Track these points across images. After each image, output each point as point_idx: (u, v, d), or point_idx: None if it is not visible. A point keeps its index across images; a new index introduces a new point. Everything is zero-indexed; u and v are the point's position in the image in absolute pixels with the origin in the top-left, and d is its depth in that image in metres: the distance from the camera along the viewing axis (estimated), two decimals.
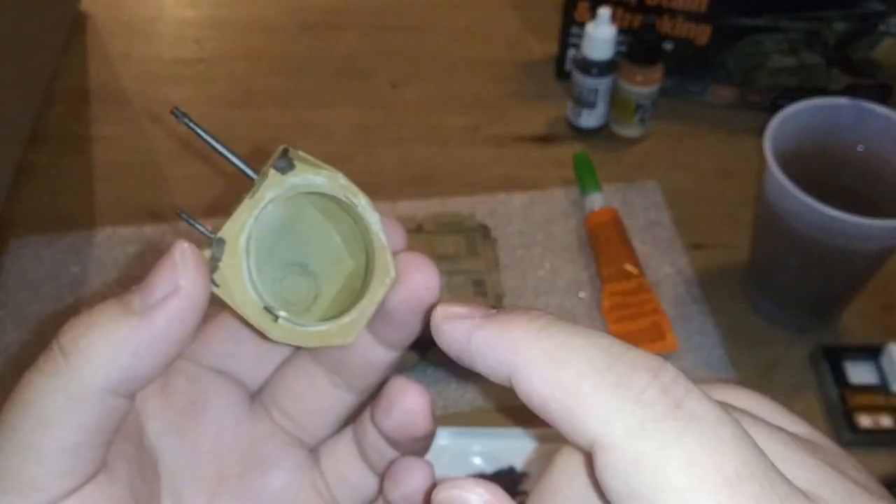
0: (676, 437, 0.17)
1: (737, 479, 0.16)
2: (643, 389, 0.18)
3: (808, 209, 0.55)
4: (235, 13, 0.95)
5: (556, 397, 0.18)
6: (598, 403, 0.18)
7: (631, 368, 0.18)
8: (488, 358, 0.20)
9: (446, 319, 0.22)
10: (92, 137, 0.81)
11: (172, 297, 0.21)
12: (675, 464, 0.17)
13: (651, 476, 0.17)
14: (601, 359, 0.18)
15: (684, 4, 0.78)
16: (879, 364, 0.62)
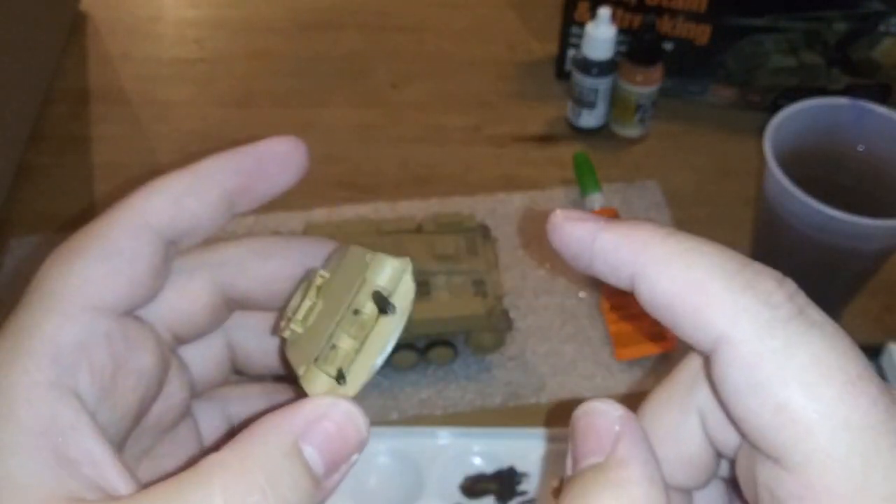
0: (802, 337, 0.18)
1: (857, 379, 0.18)
2: (771, 293, 0.19)
3: (808, 209, 0.55)
4: (235, 13, 0.95)
5: (684, 295, 0.19)
6: (728, 301, 0.19)
7: (758, 274, 0.19)
8: (613, 257, 0.21)
9: (569, 220, 0.22)
10: (92, 137, 0.81)
11: (347, 466, 0.21)
12: (801, 360, 0.18)
13: (777, 370, 0.18)
14: (731, 263, 0.20)
15: (684, 4, 0.78)
16: (879, 364, 0.62)
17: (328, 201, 0.74)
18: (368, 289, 0.23)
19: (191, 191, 0.25)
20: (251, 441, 0.20)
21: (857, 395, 0.18)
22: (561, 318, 0.67)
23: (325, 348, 0.23)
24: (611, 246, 0.21)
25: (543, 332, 0.66)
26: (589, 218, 0.22)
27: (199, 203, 0.24)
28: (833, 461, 0.17)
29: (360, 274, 0.23)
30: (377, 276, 0.23)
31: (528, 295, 0.68)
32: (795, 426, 0.18)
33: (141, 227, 0.24)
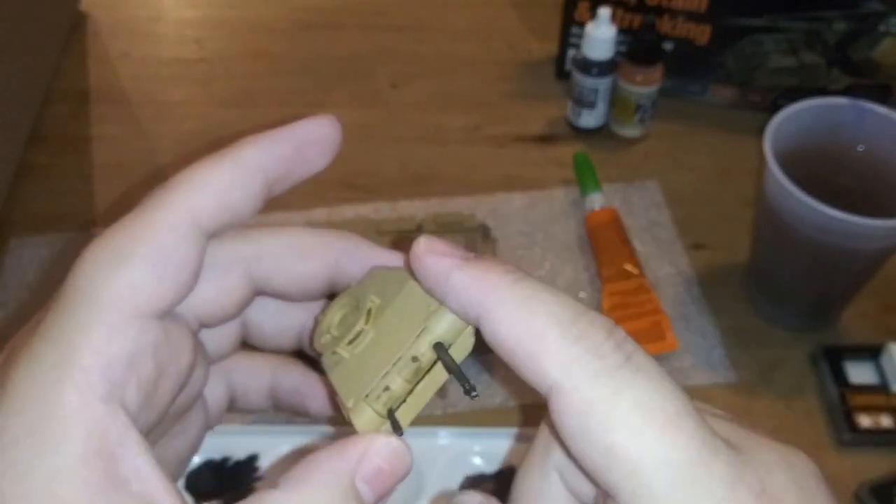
0: (627, 383, 0.20)
1: (677, 417, 0.20)
2: (601, 343, 0.20)
3: (808, 209, 0.55)
4: (235, 13, 0.95)
5: (523, 342, 0.21)
6: (561, 351, 0.20)
7: (591, 325, 0.21)
8: (463, 297, 0.22)
9: (429, 253, 0.23)
10: (92, 137, 0.81)
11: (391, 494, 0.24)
12: (625, 405, 0.19)
13: (604, 416, 0.20)
14: (567, 313, 0.21)
15: (684, 4, 0.78)
16: (879, 364, 0.62)
17: (328, 201, 0.74)
18: (430, 337, 0.23)
19: (235, 184, 0.24)
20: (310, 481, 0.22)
21: (676, 432, 0.19)
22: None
23: (378, 387, 0.24)
24: (461, 286, 0.22)
25: None
26: (449, 253, 0.23)
27: (243, 195, 0.24)
28: (657, 497, 0.19)
29: (420, 318, 0.24)
30: (439, 326, 0.23)
31: None
32: (622, 466, 0.19)
33: (189, 228, 0.23)
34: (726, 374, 0.64)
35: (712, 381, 0.63)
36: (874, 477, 0.57)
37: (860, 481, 0.57)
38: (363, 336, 0.25)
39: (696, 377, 0.64)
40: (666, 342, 0.64)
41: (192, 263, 0.23)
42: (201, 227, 0.23)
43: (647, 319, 0.66)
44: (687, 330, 0.66)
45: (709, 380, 0.63)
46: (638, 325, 0.65)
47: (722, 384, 0.63)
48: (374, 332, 0.25)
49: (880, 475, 0.58)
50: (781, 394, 0.63)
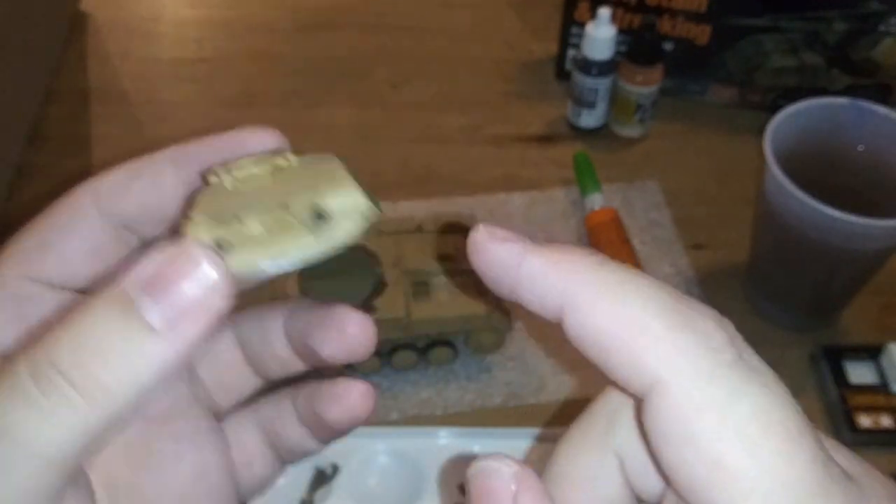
0: (744, 387, 0.17)
1: (798, 434, 0.17)
2: (711, 335, 0.18)
3: (808, 209, 0.55)
4: (235, 13, 0.95)
5: (617, 332, 0.18)
6: (667, 342, 0.17)
7: (697, 313, 0.18)
8: (541, 285, 0.19)
9: (493, 239, 0.20)
10: (92, 137, 0.81)
11: (206, 314, 0.19)
12: (742, 413, 0.17)
13: (717, 423, 0.17)
14: (668, 299, 0.18)
15: (684, 4, 0.78)
16: (879, 364, 0.62)
17: None
18: (315, 199, 0.21)
19: (140, 175, 0.25)
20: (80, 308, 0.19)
21: (799, 451, 0.17)
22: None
23: (232, 217, 0.21)
24: (538, 271, 0.19)
25: (543, 332, 0.66)
26: (515, 238, 0.20)
27: (151, 188, 0.24)
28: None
29: (322, 183, 0.21)
30: (332, 197, 0.21)
31: None
32: (732, 484, 0.17)
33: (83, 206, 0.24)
34: None
35: None
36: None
37: None
38: (256, 179, 0.22)
39: None
40: None
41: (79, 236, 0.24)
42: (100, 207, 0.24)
43: None
44: None
45: None
46: None
47: None
48: (271, 181, 0.22)
49: None
50: None
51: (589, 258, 0.19)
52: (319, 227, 0.21)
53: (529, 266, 0.19)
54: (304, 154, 0.24)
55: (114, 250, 0.24)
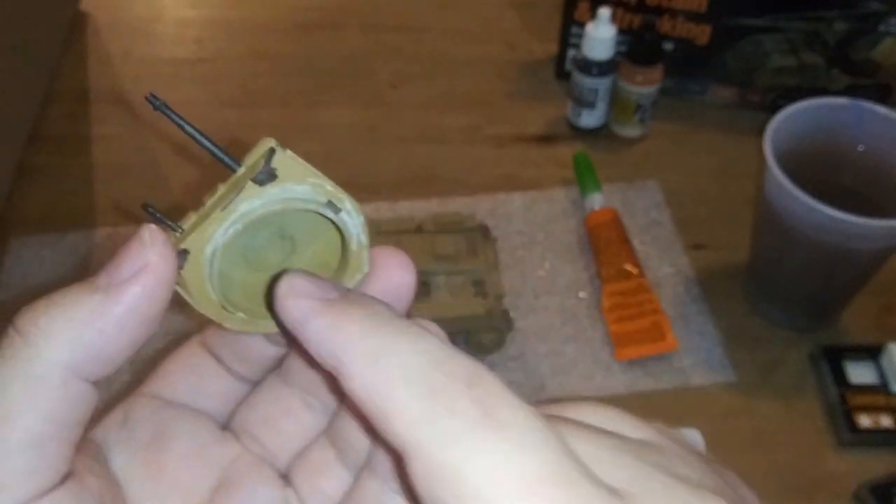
0: (482, 444, 0.17)
1: (536, 481, 0.17)
2: (455, 399, 0.18)
3: (808, 209, 0.55)
4: (235, 13, 0.95)
5: (372, 400, 0.19)
6: (409, 411, 0.18)
7: (448, 378, 0.18)
8: (320, 349, 0.20)
9: (290, 295, 0.21)
10: (92, 137, 0.81)
11: (141, 274, 0.21)
12: (476, 470, 0.17)
13: (453, 483, 0.17)
14: (420, 367, 0.19)
15: (684, 4, 0.78)
16: (879, 364, 0.62)
17: None
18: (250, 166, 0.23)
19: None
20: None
21: (533, 497, 0.17)
22: (561, 318, 0.67)
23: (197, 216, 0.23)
24: (317, 337, 0.21)
25: (543, 332, 0.66)
26: (312, 294, 0.21)
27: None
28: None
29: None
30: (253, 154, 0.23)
31: (528, 295, 0.68)
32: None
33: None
34: (726, 374, 0.64)
35: (712, 381, 0.63)
36: (874, 477, 0.57)
37: (860, 481, 0.57)
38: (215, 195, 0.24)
39: (696, 377, 0.64)
40: (666, 342, 0.64)
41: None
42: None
43: (647, 319, 0.66)
44: (687, 330, 0.66)
45: (709, 380, 0.63)
46: (638, 325, 0.65)
47: (722, 384, 0.63)
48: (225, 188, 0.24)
49: (880, 475, 0.58)
50: (781, 394, 0.63)
51: (364, 322, 0.20)
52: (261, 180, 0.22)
53: (311, 329, 0.21)
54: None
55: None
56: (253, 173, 0.23)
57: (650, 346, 0.64)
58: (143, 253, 0.21)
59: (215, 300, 0.24)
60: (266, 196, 0.23)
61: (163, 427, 0.25)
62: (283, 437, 0.27)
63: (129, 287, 0.20)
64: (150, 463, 0.24)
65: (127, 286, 0.20)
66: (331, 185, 0.23)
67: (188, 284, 0.23)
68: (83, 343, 0.20)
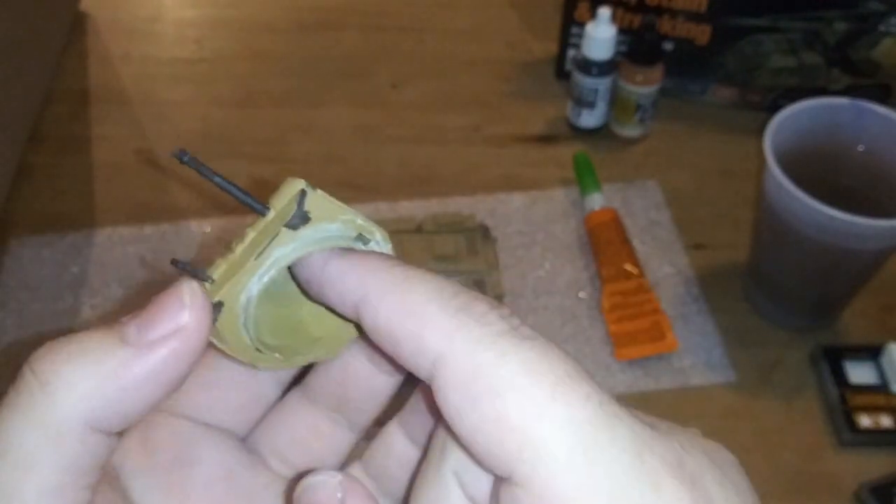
0: (513, 348, 0.18)
1: (567, 378, 0.18)
2: (484, 314, 0.19)
3: (808, 209, 0.55)
4: (235, 13, 0.95)
5: (402, 320, 0.20)
6: (443, 322, 0.19)
7: (473, 299, 0.20)
8: (339, 284, 0.21)
9: (305, 257, 0.23)
10: (92, 137, 0.81)
11: (176, 336, 0.20)
12: (512, 368, 0.18)
13: (490, 380, 0.18)
14: (448, 289, 0.20)
15: (684, 4, 0.78)
16: (879, 364, 0.62)
17: None
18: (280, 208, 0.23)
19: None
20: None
21: (569, 392, 0.18)
22: (561, 318, 0.67)
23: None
24: (338, 273, 0.21)
25: (543, 332, 0.65)
26: (329, 252, 0.22)
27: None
28: (556, 464, 0.17)
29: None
30: (282, 195, 0.23)
31: (528, 295, 0.68)
32: (515, 435, 0.18)
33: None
34: (726, 374, 0.64)
35: (712, 381, 0.63)
36: (874, 477, 0.57)
37: (860, 481, 0.57)
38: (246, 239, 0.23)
39: (696, 377, 0.64)
40: (666, 342, 0.64)
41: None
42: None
43: (647, 319, 0.66)
44: (687, 330, 0.66)
45: (709, 380, 0.63)
46: (638, 324, 0.65)
47: (722, 384, 0.63)
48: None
49: (880, 475, 0.58)
50: (781, 394, 0.63)
51: (385, 261, 0.21)
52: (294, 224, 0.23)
53: (331, 268, 0.22)
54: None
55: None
56: (285, 218, 0.23)
57: (650, 346, 0.64)
58: (180, 314, 0.20)
59: (250, 345, 0.23)
60: (299, 239, 0.23)
61: (186, 450, 0.24)
62: (314, 459, 0.26)
63: (160, 348, 0.20)
64: (172, 488, 0.24)
65: (158, 347, 0.20)
66: (361, 219, 0.24)
67: (222, 334, 0.23)
68: (105, 397, 0.19)
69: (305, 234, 0.23)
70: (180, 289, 0.21)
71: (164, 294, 0.21)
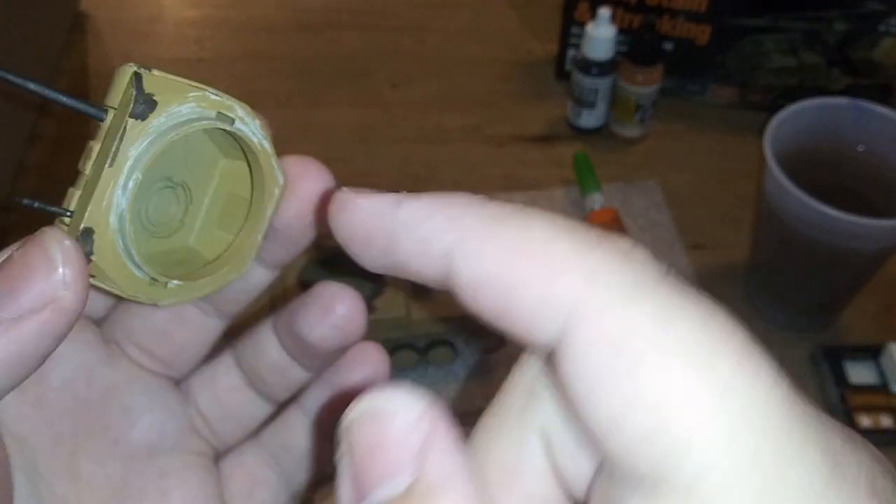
0: (677, 302, 0.13)
1: (748, 354, 0.13)
2: (630, 251, 0.14)
3: (808, 209, 0.55)
4: (235, 13, 0.95)
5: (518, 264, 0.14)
6: (578, 263, 0.14)
7: (608, 234, 0.14)
8: (424, 230, 0.16)
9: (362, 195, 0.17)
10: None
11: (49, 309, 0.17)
12: (680, 332, 0.13)
13: (649, 350, 0.13)
14: (572, 222, 0.15)
15: (684, 4, 0.78)
16: (879, 364, 0.62)
17: None
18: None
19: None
20: None
21: (752, 375, 0.13)
22: None
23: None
24: (418, 216, 0.16)
25: None
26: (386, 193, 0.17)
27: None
28: (731, 478, 0.12)
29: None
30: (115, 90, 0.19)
31: None
32: (677, 430, 0.12)
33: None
34: None
35: None
36: None
37: None
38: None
39: None
40: None
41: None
42: None
43: None
44: None
45: None
46: None
47: None
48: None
49: None
50: None
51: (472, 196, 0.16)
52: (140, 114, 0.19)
53: (408, 211, 0.17)
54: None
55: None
56: (127, 110, 0.19)
57: None
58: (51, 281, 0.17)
59: (142, 278, 0.20)
60: (152, 130, 0.19)
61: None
62: (177, 349, 0.24)
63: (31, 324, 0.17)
64: (26, 388, 0.20)
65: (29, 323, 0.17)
66: (214, 93, 0.20)
67: (103, 269, 0.19)
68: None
69: (157, 124, 0.19)
70: (42, 239, 0.17)
71: (24, 250, 0.17)
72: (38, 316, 0.17)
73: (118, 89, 0.19)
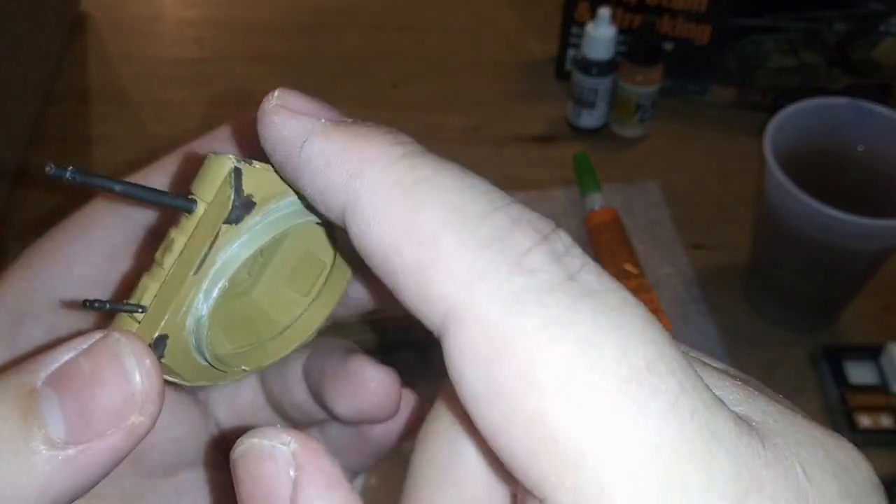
0: (567, 314, 0.12)
1: (647, 372, 0.12)
2: (526, 251, 0.13)
3: (808, 209, 0.55)
4: (235, 13, 0.95)
5: (403, 246, 0.13)
6: (462, 261, 0.13)
7: (513, 224, 0.13)
8: (322, 176, 0.15)
9: (281, 109, 0.16)
10: (92, 137, 0.81)
11: (121, 432, 0.15)
12: (561, 348, 0.12)
13: (525, 363, 0.12)
14: (475, 205, 0.14)
15: (684, 4, 0.78)
16: (879, 364, 0.62)
17: None
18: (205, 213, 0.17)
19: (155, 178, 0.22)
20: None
21: (646, 395, 0.12)
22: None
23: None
24: (321, 159, 0.15)
25: None
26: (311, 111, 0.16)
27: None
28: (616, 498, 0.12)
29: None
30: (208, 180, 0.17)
31: None
32: (557, 449, 0.12)
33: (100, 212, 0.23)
34: None
35: None
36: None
37: None
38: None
39: None
40: None
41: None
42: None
43: None
44: (687, 330, 0.66)
45: None
46: None
47: None
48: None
49: (880, 475, 0.57)
50: (781, 394, 0.63)
51: (392, 148, 0.14)
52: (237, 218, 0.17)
53: (311, 150, 0.15)
54: None
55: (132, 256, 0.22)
56: (222, 209, 0.17)
57: None
58: (127, 401, 0.15)
59: (206, 367, 0.19)
60: (247, 231, 0.17)
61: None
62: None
63: (96, 449, 0.15)
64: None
65: (97, 444, 0.15)
66: None
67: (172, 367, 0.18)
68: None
69: (252, 224, 0.17)
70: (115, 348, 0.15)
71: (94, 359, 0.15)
72: (107, 441, 0.15)
73: (212, 181, 0.17)
